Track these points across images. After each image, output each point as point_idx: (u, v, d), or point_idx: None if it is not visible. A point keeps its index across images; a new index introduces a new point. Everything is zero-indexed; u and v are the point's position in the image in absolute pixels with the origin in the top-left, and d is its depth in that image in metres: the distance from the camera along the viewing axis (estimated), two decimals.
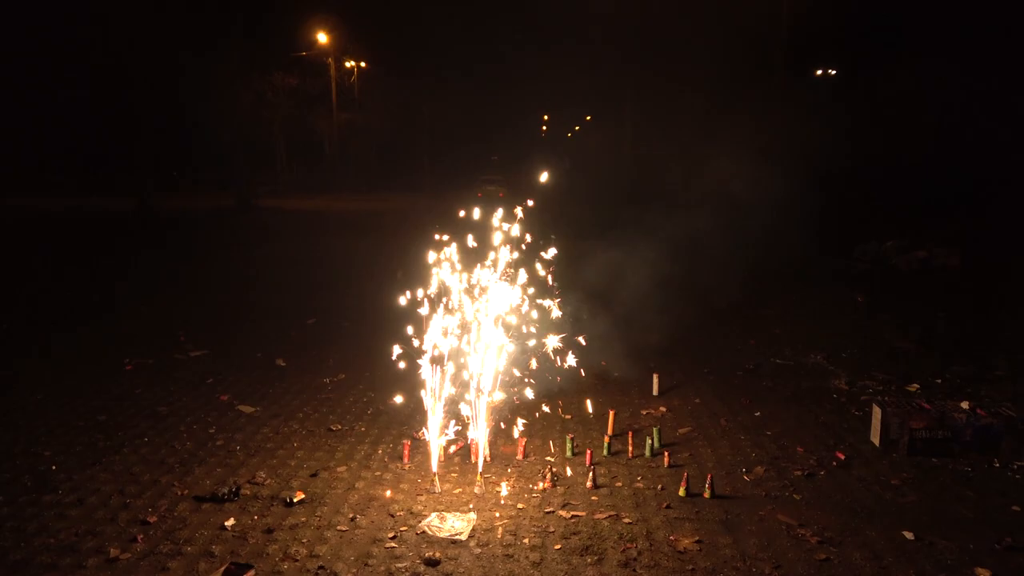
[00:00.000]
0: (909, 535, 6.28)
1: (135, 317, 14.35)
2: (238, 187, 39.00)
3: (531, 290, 8.14)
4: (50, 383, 10.28)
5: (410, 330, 7.84)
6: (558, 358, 8.19)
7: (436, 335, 7.47)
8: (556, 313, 8.29)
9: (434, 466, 7.37)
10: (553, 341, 8.10)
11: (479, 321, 7.69)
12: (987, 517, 6.65)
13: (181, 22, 33.89)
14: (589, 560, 5.91)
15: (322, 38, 52.80)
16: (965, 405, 8.21)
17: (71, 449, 8.13)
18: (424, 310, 7.52)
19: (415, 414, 9.12)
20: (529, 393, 8.58)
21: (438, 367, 7.46)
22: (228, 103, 38.18)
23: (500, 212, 7.83)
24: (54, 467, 7.66)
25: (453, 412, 7.97)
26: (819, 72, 44.09)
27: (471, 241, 7.86)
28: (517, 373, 8.40)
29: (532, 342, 8.26)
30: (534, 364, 8.10)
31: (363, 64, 59.88)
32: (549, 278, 8.16)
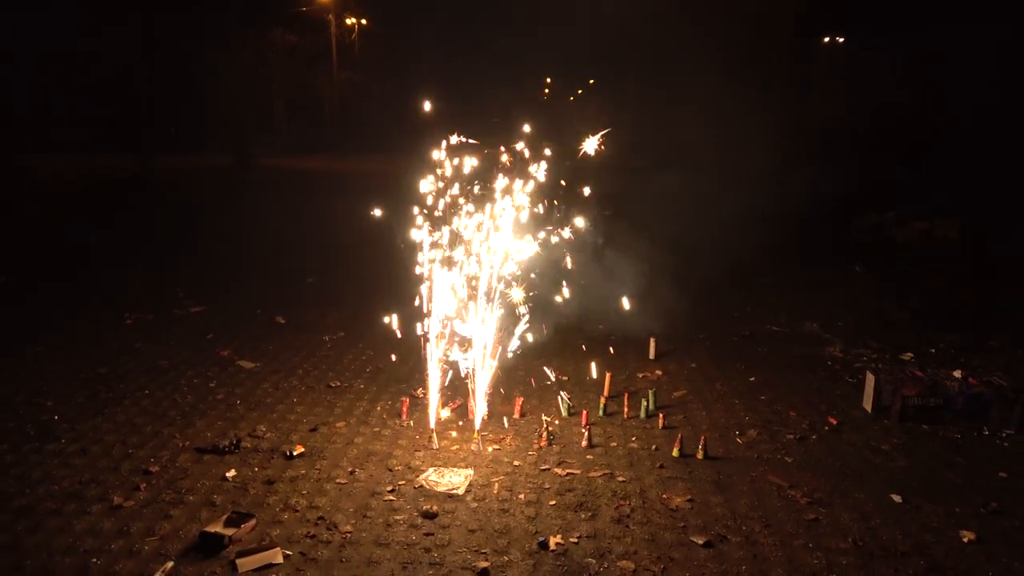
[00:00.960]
0: (897, 498, 6.41)
1: (133, 273, 14.36)
2: (237, 146, 38.68)
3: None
4: (50, 336, 10.35)
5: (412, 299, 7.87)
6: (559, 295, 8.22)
7: (439, 300, 7.50)
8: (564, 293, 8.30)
9: (432, 423, 7.47)
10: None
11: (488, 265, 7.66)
12: (974, 482, 6.78)
13: None
14: (583, 516, 6.03)
15: None
16: (957, 374, 8.31)
17: (73, 400, 8.23)
18: (425, 271, 7.54)
19: (413, 372, 9.21)
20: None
21: (439, 326, 7.52)
22: (226, 60, 37.68)
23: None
24: (56, 417, 7.76)
25: (453, 370, 8.06)
26: (826, 40, 43.65)
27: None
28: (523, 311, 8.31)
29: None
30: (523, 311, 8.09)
31: (364, 21, 58.96)
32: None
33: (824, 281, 14.46)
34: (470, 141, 7.70)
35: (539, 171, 7.57)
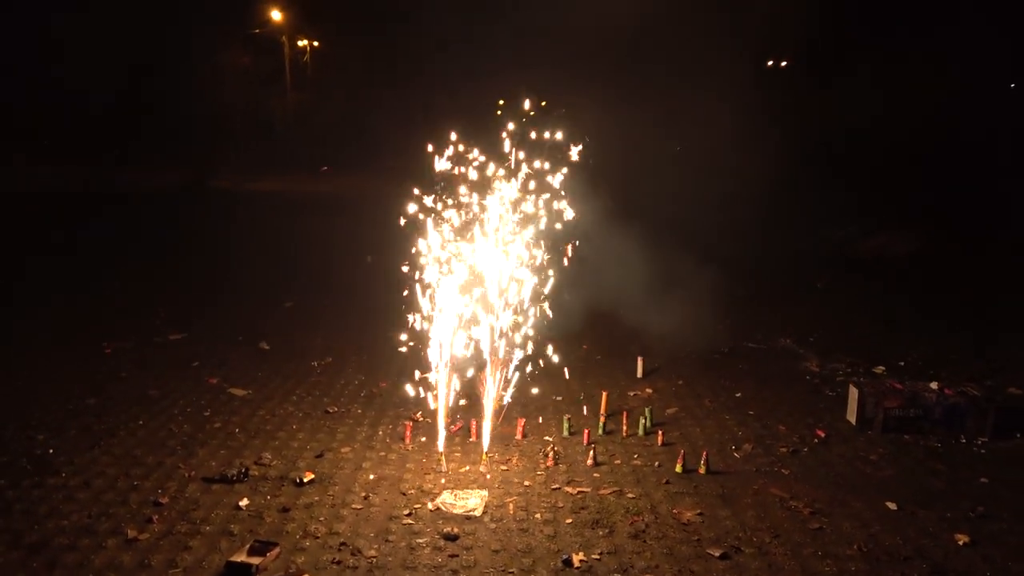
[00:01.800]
0: (892, 505, 6.75)
1: (104, 300, 14.04)
2: (193, 167, 38.08)
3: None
4: (30, 367, 10.09)
5: (405, 316, 7.94)
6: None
7: (441, 328, 7.60)
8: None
9: (441, 446, 7.57)
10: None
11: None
12: (959, 488, 7.17)
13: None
14: (600, 533, 6.20)
15: (276, 16, 51.62)
16: (934, 385, 8.76)
17: (65, 433, 8.07)
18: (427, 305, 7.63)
19: (407, 396, 9.25)
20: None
21: (444, 350, 7.62)
22: (180, 80, 37.19)
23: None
24: (51, 451, 7.61)
25: (456, 394, 8.16)
26: (770, 63, 45.15)
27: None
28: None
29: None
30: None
31: (316, 43, 58.79)
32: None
33: (793, 297, 14.98)
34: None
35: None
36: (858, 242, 19.43)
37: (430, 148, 7.61)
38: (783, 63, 44.31)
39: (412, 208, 7.56)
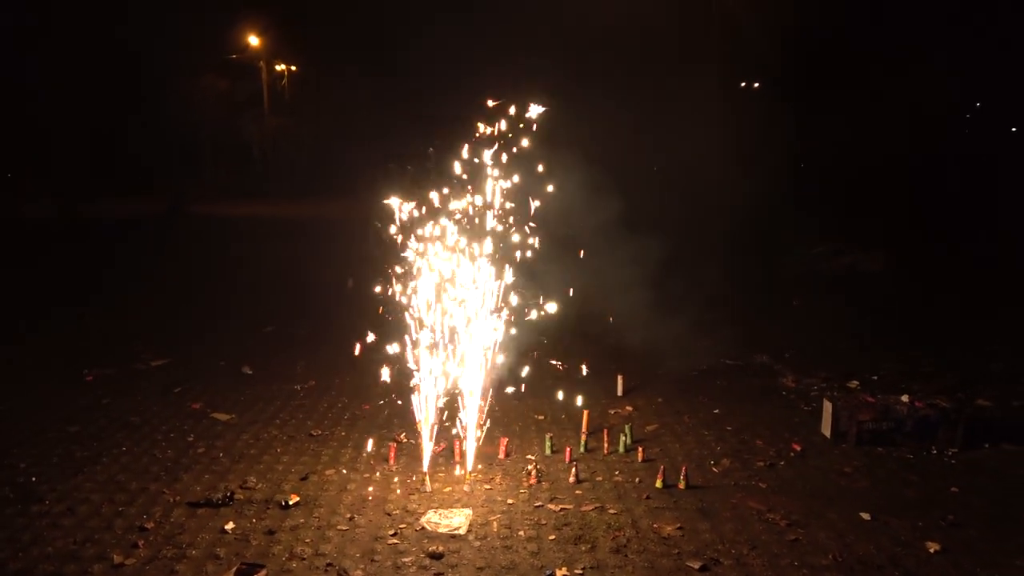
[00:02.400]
0: (866, 516, 6.94)
1: (83, 327, 14.02)
2: (168, 193, 37.97)
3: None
4: (10, 395, 10.05)
5: (373, 337, 8.06)
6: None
7: (424, 351, 7.73)
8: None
9: (425, 466, 7.66)
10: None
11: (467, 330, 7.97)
12: (931, 498, 7.38)
13: (109, 24, 32.97)
14: (583, 548, 6.32)
15: (253, 41, 51.83)
16: (905, 399, 9.00)
17: (47, 460, 8.06)
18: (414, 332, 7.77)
19: (392, 418, 9.36)
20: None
21: (429, 375, 7.75)
22: (156, 106, 37.25)
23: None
24: (34, 478, 7.60)
25: (439, 414, 8.26)
26: (743, 84, 46.03)
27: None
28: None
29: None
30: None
31: (294, 68, 59.01)
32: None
33: (766, 314, 15.26)
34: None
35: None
36: (831, 260, 19.84)
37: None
38: (755, 84, 45.17)
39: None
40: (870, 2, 29.73)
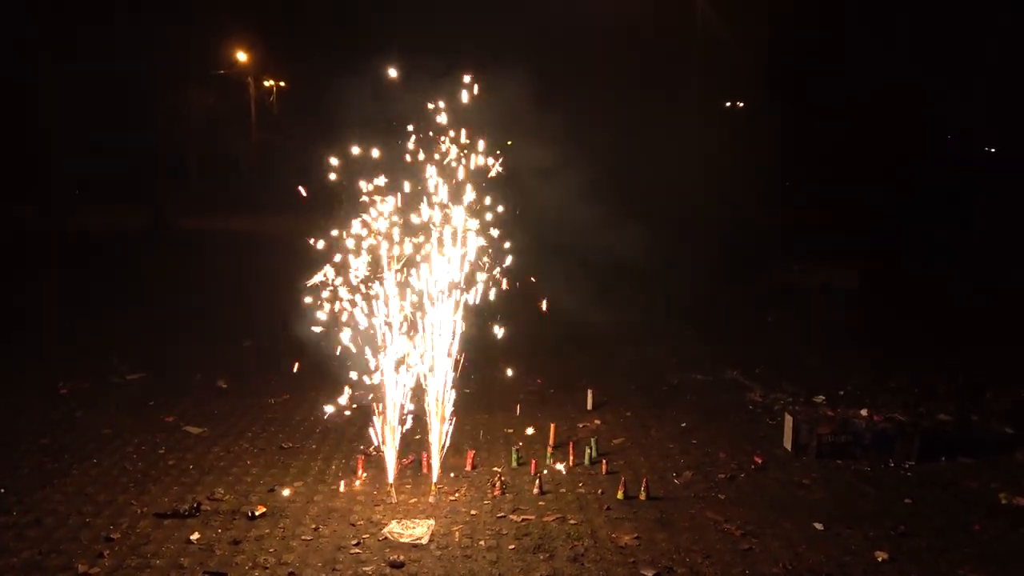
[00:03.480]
0: (819, 526, 7.13)
1: (59, 339, 14.05)
2: (153, 206, 37.95)
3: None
4: None
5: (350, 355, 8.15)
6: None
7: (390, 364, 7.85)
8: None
9: (391, 477, 7.79)
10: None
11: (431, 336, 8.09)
12: (885, 509, 7.58)
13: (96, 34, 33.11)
14: (541, 557, 6.47)
15: (241, 56, 52.04)
16: (864, 412, 9.22)
17: (17, 472, 8.14)
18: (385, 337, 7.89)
19: (362, 431, 9.44)
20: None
21: (395, 388, 7.89)
22: (143, 119, 37.29)
23: None
24: (2, 490, 7.67)
25: (405, 427, 8.39)
26: (728, 104, 46.62)
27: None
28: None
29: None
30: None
31: (282, 84, 59.26)
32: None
33: (740, 330, 15.50)
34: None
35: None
36: (806, 277, 20.12)
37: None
38: (740, 104, 45.72)
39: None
40: (851, 22, 30.29)
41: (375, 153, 7.74)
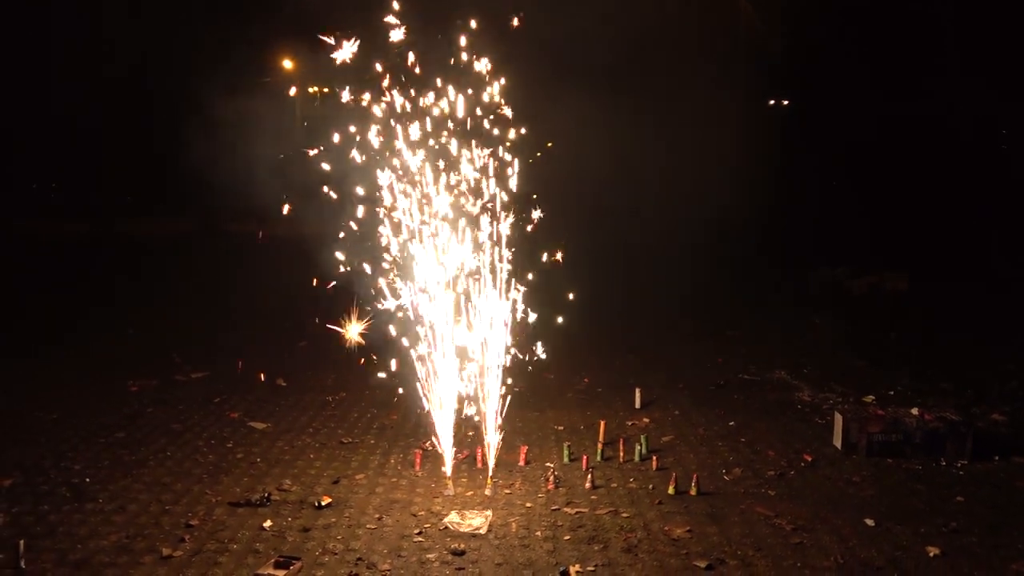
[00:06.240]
0: (870, 522, 7.23)
1: (124, 341, 14.71)
2: (206, 213, 39.04)
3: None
4: (62, 404, 10.70)
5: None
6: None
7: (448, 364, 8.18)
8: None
9: (448, 471, 8.11)
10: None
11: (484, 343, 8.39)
12: (935, 507, 7.65)
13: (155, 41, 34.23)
14: (596, 548, 6.71)
15: (287, 64, 53.19)
16: (915, 411, 9.25)
17: (99, 463, 8.65)
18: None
19: (417, 428, 9.81)
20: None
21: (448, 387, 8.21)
22: (195, 126, 38.45)
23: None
24: (87, 479, 8.18)
25: (461, 423, 8.71)
26: (772, 102, 46.14)
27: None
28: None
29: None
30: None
31: (327, 90, 60.33)
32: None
33: (787, 332, 15.51)
34: None
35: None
36: (849, 282, 19.98)
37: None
38: (785, 102, 45.15)
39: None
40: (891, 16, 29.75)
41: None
